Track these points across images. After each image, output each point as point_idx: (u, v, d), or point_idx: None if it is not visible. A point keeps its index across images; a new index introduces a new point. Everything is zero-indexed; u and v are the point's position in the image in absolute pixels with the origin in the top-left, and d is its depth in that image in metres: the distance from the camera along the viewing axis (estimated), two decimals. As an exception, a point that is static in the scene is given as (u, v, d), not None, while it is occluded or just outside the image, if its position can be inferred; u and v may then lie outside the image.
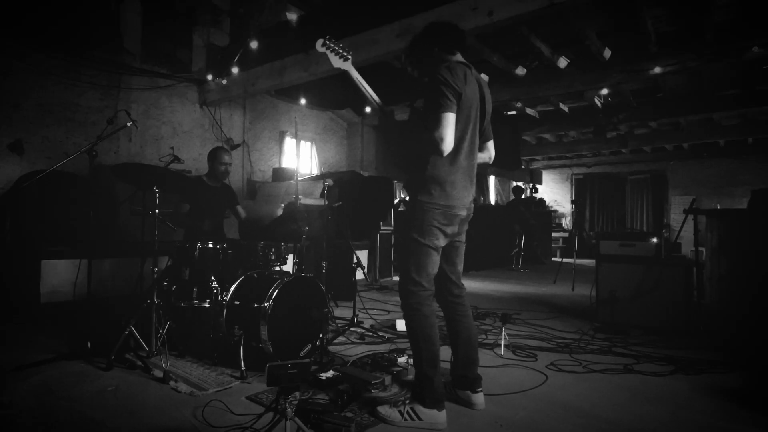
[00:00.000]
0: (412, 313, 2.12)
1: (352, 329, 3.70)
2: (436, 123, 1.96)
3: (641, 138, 10.67)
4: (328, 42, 2.11)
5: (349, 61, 2.16)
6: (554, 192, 14.18)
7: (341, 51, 2.13)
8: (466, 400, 2.26)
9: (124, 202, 4.06)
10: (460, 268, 2.36)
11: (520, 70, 6.39)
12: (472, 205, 2.28)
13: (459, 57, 2.22)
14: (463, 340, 2.29)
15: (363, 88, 2.15)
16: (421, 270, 2.11)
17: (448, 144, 1.97)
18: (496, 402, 2.32)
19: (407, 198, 2.19)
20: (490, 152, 2.42)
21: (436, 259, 2.15)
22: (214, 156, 3.88)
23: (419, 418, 2.04)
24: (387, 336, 3.58)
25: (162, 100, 6.29)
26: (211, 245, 3.09)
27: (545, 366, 2.91)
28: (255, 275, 3.03)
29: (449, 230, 2.15)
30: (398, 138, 2.28)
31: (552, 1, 3.54)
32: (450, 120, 1.97)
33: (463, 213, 2.19)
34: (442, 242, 2.15)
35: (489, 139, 2.40)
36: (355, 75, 2.14)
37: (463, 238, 2.32)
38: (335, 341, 3.39)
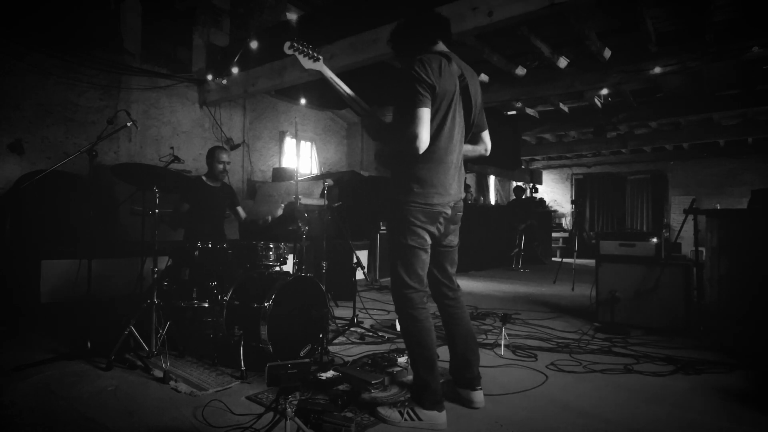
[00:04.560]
0: (407, 319, 2.09)
1: (352, 329, 3.69)
2: (410, 120, 1.90)
3: (641, 138, 10.67)
4: (295, 44, 2.06)
5: (320, 61, 2.12)
6: (554, 192, 14.19)
7: (310, 52, 2.09)
8: (465, 398, 2.26)
9: (124, 202, 4.04)
10: (452, 270, 2.29)
11: (520, 70, 6.39)
12: (461, 204, 2.22)
13: (440, 46, 2.16)
14: (460, 341, 2.28)
15: (339, 87, 2.10)
16: (411, 272, 2.07)
17: (423, 141, 1.90)
18: (496, 402, 2.32)
19: None
20: (485, 144, 2.35)
21: (424, 257, 2.09)
22: (212, 155, 3.88)
23: (419, 419, 2.03)
24: (387, 336, 3.58)
25: (162, 100, 6.29)
26: (211, 245, 3.10)
27: (545, 366, 2.90)
28: (255, 275, 3.03)
29: (432, 228, 2.08)
30: (380, 136, 2.23)
31: (552, 1, 3.54)
32: (424, 116, 1.90)
33: (448, 211, 2.10)
34: (428, 240, 2.09)
35: (483, 130, 2.33)
36: (329, 74, 2.09)
37: (453, 242, 2.25)
38: (335, 341, 3.39)
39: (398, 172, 2.09)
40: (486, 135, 2.35)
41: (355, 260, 4.03)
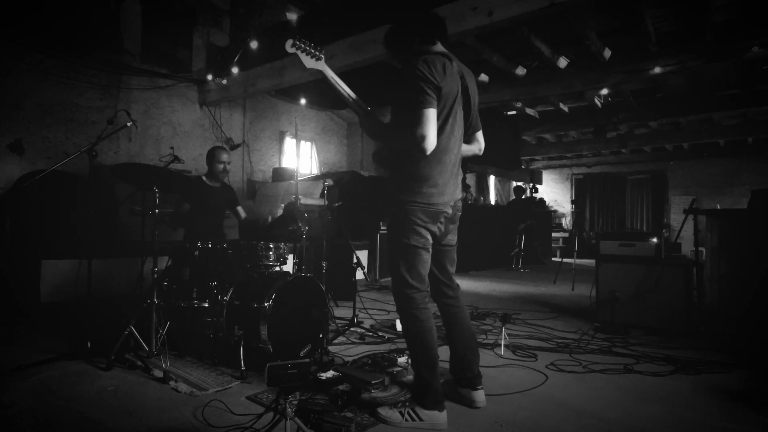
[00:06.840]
0: (408, 319, 2.09)
1: (352, 329, 3.69)
2: (417, 120, 1.88)
3: (641, 138, 10.67)
4: (298, 42, 2.03)
5: (322, 60, 2.10)
6: (554, 192, 14.18)
7: (312, 50, 2.06)
8: (466, 397, 2.26)
9: (124, 202, 4.05)
10: (452, 270, 2.29)
11: (520, 70, 6.39)
12: (460, 203, 2.22)
13: (439, 47, 2.15)
14: (461, 340, 2.28)
15: (339, 87, 2.08)
16: (413, 271, 2.07)
17: (431, 142, 1.89)
18: (496, 402, 2.32)
19: None
20: (479, 143, 2.36)
21: (426, 257, 2.10)
22: (212, 155, 3.88)
23: (420, 419, 2.03)
24: (387, 336, 3.58)
25: (162, 100, 6.29)
26: (211, 245, 3.10)
27: (545, 366, 2.90)
28: (255, 275, 3.03)
29: (434, 228, 2.09)
30: (379, 137, 2.22)
31: (552, 1, 3.54)
32: (431, 117, 1.90)
33: (448, 211, 2.12)
34: (429, 240, 2.10)
35: (478, 130, 2.33)
36: (330, 74, 2.08)
37: (453, 240, 2.26)
38: (335, 341, 3.39)
39: (398, 171, 2.09)
40: (480, 135, 2.36)
41: (355, 260, 4.03)
